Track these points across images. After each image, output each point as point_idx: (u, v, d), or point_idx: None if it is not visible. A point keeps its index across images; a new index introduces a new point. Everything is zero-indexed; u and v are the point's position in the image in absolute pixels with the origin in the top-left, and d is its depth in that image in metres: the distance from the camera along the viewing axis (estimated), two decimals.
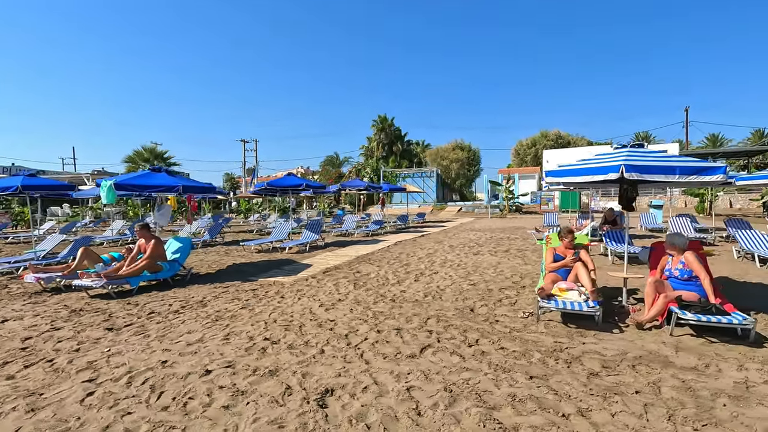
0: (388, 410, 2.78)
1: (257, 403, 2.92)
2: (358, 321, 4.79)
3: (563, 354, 3.68)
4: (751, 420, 2.58)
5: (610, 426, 2.55)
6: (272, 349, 3.97)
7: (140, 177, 7.43)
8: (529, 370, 3.35)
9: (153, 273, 7.01)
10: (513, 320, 4.70)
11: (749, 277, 6.70)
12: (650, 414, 2.66)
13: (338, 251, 10.86)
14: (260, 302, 5.75)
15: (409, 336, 4.22)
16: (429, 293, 6.05)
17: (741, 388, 2.99)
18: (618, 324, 4.49)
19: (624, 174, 4.32)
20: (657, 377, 3.19)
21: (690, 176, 4.31)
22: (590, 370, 3.33)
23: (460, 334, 4.23)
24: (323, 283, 6.87)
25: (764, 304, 5.14)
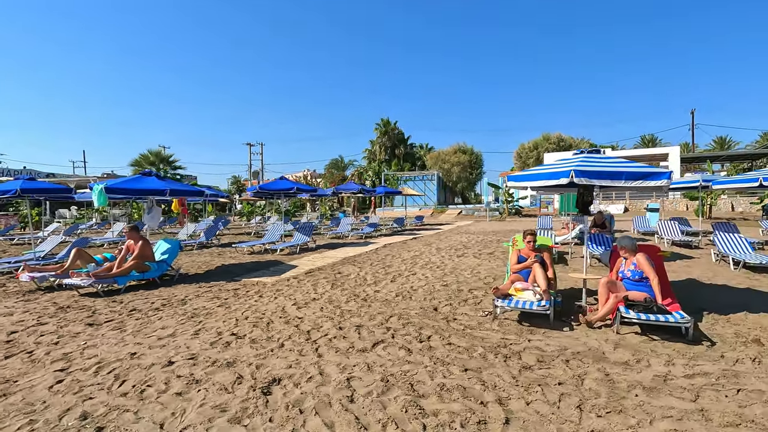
0: (324, 397, 3.02)
1: (208, 391, 3.18)
2: (325, 318, 5.03)
3: (505, 349, 3.89)
4: (654, 408, 2.78)
5: (522, 413, 2.76)
6: (236, 343, 4.23)
7: (130, 181, 7.77)
8: (466, 364, 3.57)
9: (141, 273, 7.32)
10: (471, 318, 4.92)
11: (716, 280, 6.84)
12: (563, 402, 2.88)
13: (327, 253, 11.12)
14: (238, 300, 6.02)
15: (366, 332, 4.46)
16: (401, 293, 6.28)
17: (659, 381, 3.19)
18: (571, 323, 4.68)
19: (574, 179, 4.53)
20: (584, 370, 3.40)
21: (636, 181, 4.51)
22: (524, 364, 3.55)
23: (416, 331, 4.46)
24: (303, 284, 7.13)
25: (720, 305, 5.30)
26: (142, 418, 2.81)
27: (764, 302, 5.44)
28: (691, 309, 5.15)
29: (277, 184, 11.61)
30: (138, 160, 37.19)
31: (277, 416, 2.79)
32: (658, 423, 2.61)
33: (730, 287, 6.34)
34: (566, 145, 39.81)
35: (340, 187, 17.30)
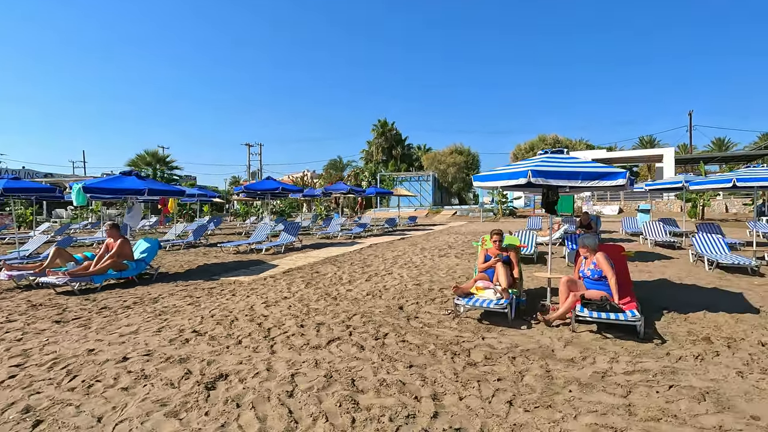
0: (265, 392, 3.08)
1: (154, 386, 3.23)
2: (289, 317, 5.09)
3: (456, 347, 3.95)
4: (583, 403, 2.83)
5: (453, 407, 2.82)
6: (195, 340, 4.28)
7: (109, 180, 7.85)
8: (414, 361, 3.62)
9: (118, 271, 7.38)
10: (433, 317, 4.97)
11: (687, 280, 6.89)
12: (495, 398, 2.93)
13: (311, 252, 11.18)
14: (210, 299, 6.08)
15: (325, 330, 4.52)
16: (372, 292, 6.34)
17: (596, 377, 3.24)
18: (530, 321, 4.73)
19: (531, 179, 4.59)
20: (527, 367, 3.45)
21: (592, 181, 4.56)
22: (471, 361, 3.60)
23: (374, 329, 4.51)
24: (278, 282, 7.19)
25: (682, 304, 5.35)
26: (82, 411, 2.87)
27: (726, 302, 5.48)
28: (652, 308, 5.22)
29: (263, 184, 11.68)
30: (135, 160, 37.31)
31: (213, 410, 2.84)
32: (582, 417, 2.66)
33: (699, 287, 6.39)
34: (562, 146, 39.75)
35: (329, 187, 17.37)
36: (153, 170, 37.30)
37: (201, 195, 14.18)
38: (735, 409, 2.72)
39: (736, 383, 3.10)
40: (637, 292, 5.97)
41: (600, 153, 33.77)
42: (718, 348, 3.84)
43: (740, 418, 2.62)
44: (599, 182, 4.54)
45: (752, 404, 2.78)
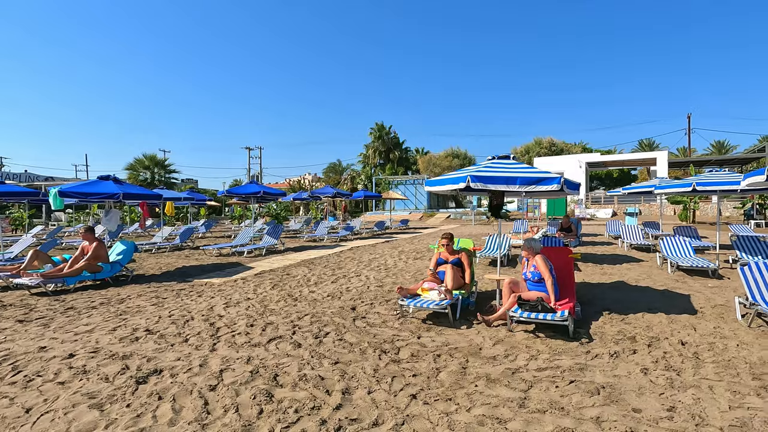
0: (190, 386, 3.26)
1: (89, 380, 3.42)
2: (244, 317, 5.27)
3: (388, 345, 4.12)
4: (482, 397, 3.00)
5: (359, 400, 2.99)
6: (145, 338, 4.47)
7: (85, 185, 8.08)
8: (341, 358, 3.80)
9: (93, 273, 7.60)
10: (380, 317, 5.15)
11: (645, 281, 7.04)
12: (403, 392, 3.10)
13: (291, 255, 11.38)
14: (175, 300, 6.27)
15: (271, 329, 4.70)
16: (333, 294, 6.52)
17: (507, 373, 3.41)
18: (472, 321, 4.90)
19: (470, 184, 4.77)
20: (446, 364, 3.62)
21: (530, 186, 4.74)
22: (396, 358, 3.77)
23: (318, 329, 4.69)
24: (247, 284, 7.38)
25: (626, 305, 5.51)
26: (15, 403, 3.06)
27: (671, 303, 5.63)
28: (597, 308, 5.39)
29: (246, 188, 11.90)
30: (133, 164, 37.74)
31: (136, 403, 3.03)
32: (475, 409, 2.83)
33: (652, 289, 6.53)
34: (558, 150, 39.97)
35: (316, 191, 17.58)
36: (151, 174, 37.72)
37: (188, 198, 14.35)
38: (621, 403, 2.88)
39: (636, 379, 3.26)
40: (589, 293, 6.17)
41: (594, 156, 33.89)
42: (638, 347, 3.99)
43: (622, 410, 2.78)
44: (535, 187, 4.71)
45: (641, 398, 2.94)
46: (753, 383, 3.15)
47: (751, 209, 21.17)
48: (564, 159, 34.03)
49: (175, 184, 39.27)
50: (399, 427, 2.63)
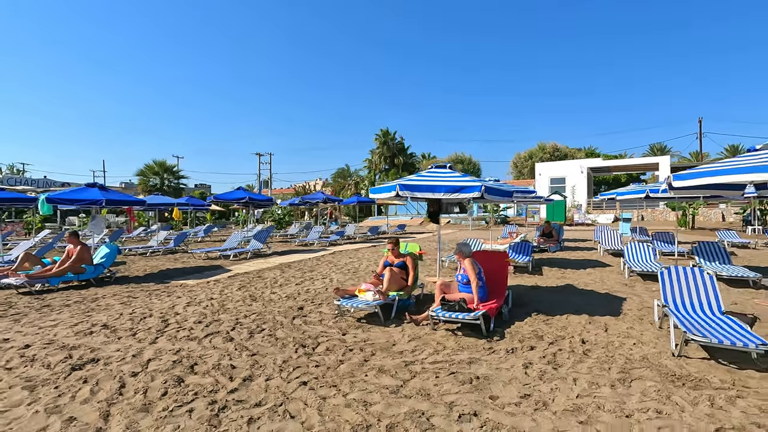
0: (116, 372, 3.68)
1: (32, 367, 3.87)
2: (197, 315, 5.69)
3: (311, 341, 4.49)
4: (366, 384, 3.35)
5: (255, 386, 3.37)
6: (99, 333, 4.92)
7: (71, 192, 8.67)
8: (261, 350, 4.19)
9: (76, 274, 8.15)
10: (321, 316, 5.52)
11: (593, 286, 7.26)
12: (297, 380, 3.47)
13: (273, 258, 11.83)
14: (146, 299, 6.74)
15: (214, 326, 5.11)
16: (291, 295, 6.92)
17: (401, 365, 3.75)
18: (404, 321, 5.23)
19: (399, 192, 5.13)
20: (352, 357, 3.98)
21: (453, 194, 5.08)
22: (311, 352, 4.14)
23: (257, 326, 5.09)
24: (217, 285, 7.83)
25: (557, 307, 5.78)
26: None
27: (601, 306, 5.87)
28: (529, 310, 5.69)
29: (232, 194, 12.42)
30: (143, 170, 38.92)
31: (63, 386, 3.45)
32: (351, 394, 3.18)
33: (596, 292, 6.76)
34: (561, 155, 39.84)
35: (306, 197, 18.06)
36: (160, 179, 38.84)
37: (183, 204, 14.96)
38: (484, 391, 3.20)
39: (513, 372, 3.56)
40: (529, 296, 6.45)
41: (596, 161, 33.73)
42: (539, 344, 4.29)
43: (480, 396, 3.10)
44: (458, 194, 5.05)
45: (504, 388, 3.26)
46: (616, 376, 3.43)
47: (750, 215, 20.92)
48: (565, 164, 33.94)
49: (183, 189, 40.32)
50: (276, 407, 3.00)
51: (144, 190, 37.87)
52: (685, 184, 4.57)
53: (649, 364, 3.69)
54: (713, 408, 2.87)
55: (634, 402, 2.97)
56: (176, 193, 37.67)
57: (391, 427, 2.69)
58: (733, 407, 2.87)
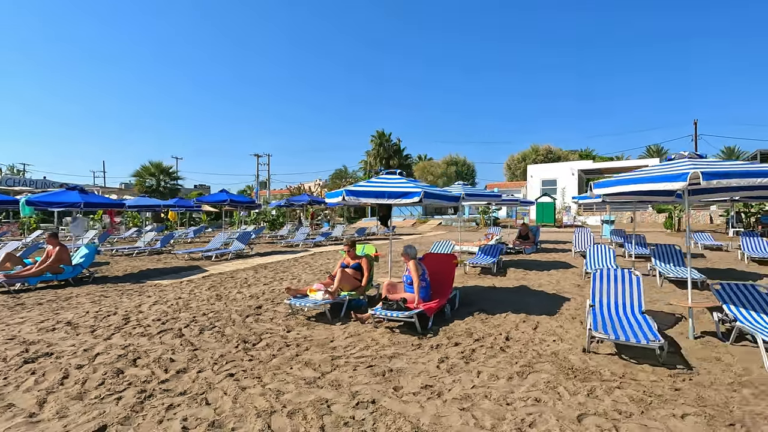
0: (65, 365, 3.98)
1: None
2: (159, 314, 5.99)
3: (255, 337, 4.79)
4: (286, 375, 3.65)
5: (185, 376, 3.67)
6: (61, 329, 5.22)
7: (51, 195, 9.00)
8: (204, 346, 4.49)
9: (55, 274, 8.47)
10: (273, 315, 5.82)
11: (547, 288, 7.55)
12: (225, 372, 3.77)
13: (253, 259, 12.15)
14: (117, 298, 7.04)
15: (170, 323, 5.41)
16: (255, 294, 7.22)
17: (327, 359, 4.05)
18: (351, 320, 5.52)
19: (345, 198, 5.43)
20: (286, 351, 4.28)
21: (397, 199, 5.38)
22: (250, 347, 4.44)
23: (210, 324, 5.39)
24: (189, 285, 8.14)
25: (501, 306, 6.07)
26: None
27: (543, 306, 6.16)
28: (474, 309, 6.00)
29: (215, 197, 12.73)
30: (140, 171, 39.28)
31: (12, 376, 3.76)
32: (270, 384, 3.48)
33: (545, 293, 7.05)
34: (555, 157, 40.08)
35: (291, 198, 18.38)
36: (157, 180, 39.20)
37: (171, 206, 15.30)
38: (392, 381, 3.50)
39: (427, 366, 3.86)
40: (479, 295, 6.75)
41: (587, 164, 33.98)
42: (465, 341, 4.58)
43: (385, 386, 3.40)
44: (401, 200, 5.35)
45: (412, 380, 3.55)
46: (517, 369, 3.73)
47: (733, 217, 21.14)
48: (557, 166, 34.20)
49: (179, 190, 40.67)
50: (197, 396, 3.30)
51: (140, 191, 38.23)
52: (604, 192, 4.86)
53: (555, 359, 3.99)
54: (588, 397, 3.16)
55: (520, 392, 3.27)
56: (172, 194, 38.03)
57: (292, 413, 2.99)
58: (608, 396, 3.17)
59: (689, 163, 4.28)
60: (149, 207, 14.78)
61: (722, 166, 3.88)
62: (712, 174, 3.69)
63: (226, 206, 25.50)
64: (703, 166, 3.89)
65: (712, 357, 4.06)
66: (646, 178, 4.29)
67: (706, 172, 3.69)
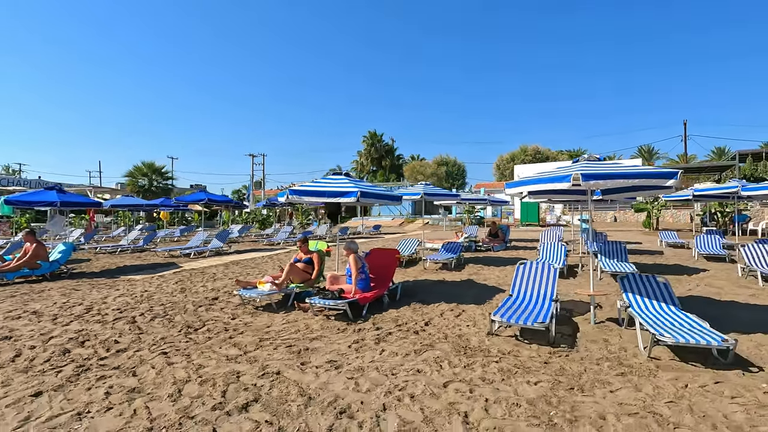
0: (20, 346, 4.43)
1: None
2: (120, 304, 6.44)
3: (200, 323, 5.26)
4: (211, 353, 4.12)
5: (123, 355, 4.14)
6: (26, 318, 5.67)
7: (29, 194, 9.46)
8: (150, 330, 4.96)
9: (32, 270, 8.92)
10: (226, 305, 6.29)
11: (490, 281, 8.03)
12: (160, 350, 4.24)
13: (229, 257, 12.62)
14: (88, 292, 7.48)
15: (127, 312, 5.87)
16: (217, 288, 7.68)
17: (255, 341, 4.52)
18: (297, 310, 5.99)
19: (289, 197, 5.91)
20: (222, 334, 4.75)
21: (335, 198, 5.87)
22: (192, 332, 4.91)
23: (164, 313, 5.85)
24: (159, 280, 8.60)
25: (440, 298, 6.55)
26: None
27: (476, 297, 6.64)
28: (414, 300, 6.47)
29: (193, 197, 13.20)
30: (132, 171, 39.72)
31: None
32: (194, 359, 3.95)
33: (487, 286, 7.55)
34: (543, 157, 40.64)
35: (271, 198, 18.85)
36: (149, 180, 39.65)
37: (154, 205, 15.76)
38: (302, 358, 3.97)
39: (341, 346, 4.34)
40: (424, 288, 7.22)
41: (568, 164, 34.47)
42: (388, 326, 5.06)
43: (295, 362, 3.87)
44: (340, 199, 5.83)
45: (322, 356, 4.03)
46: (418, 348, 4.21)
47: (706, 216, 21.70)
48: (543, 166, 34.66)
49: (171, 190, 41.10)
50: (127, 369, 3.77)
51: (133, 191, 38.66)
52: (511, 192, 5.34)
53: (457, 340, 4.48)
54: (465, 369, 3.65)
55: (408, 365, 3.76)
56: (165, 194, 38.45)
57: (204, 382, 3.47)
58: (482, 369, 3.65)
59: (580, 166, 4.77)
60: (132, 206, 15.22)
61: (602, 169, 4.37)
62: (590, 175, 4.18)
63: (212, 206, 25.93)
64: (585, 168, 4.38)
65: (601, 339, 4.55)
66: (543, 179, 4.78)
67: (585, 173, 4.19)
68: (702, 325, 4.13)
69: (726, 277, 8.21)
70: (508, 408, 2.94)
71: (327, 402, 3.07)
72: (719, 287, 7.23)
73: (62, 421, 2.87)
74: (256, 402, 3.10)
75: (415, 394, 3.17)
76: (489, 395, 3.14)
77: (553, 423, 2.74)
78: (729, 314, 5.47)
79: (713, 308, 5.82)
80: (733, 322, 5.01)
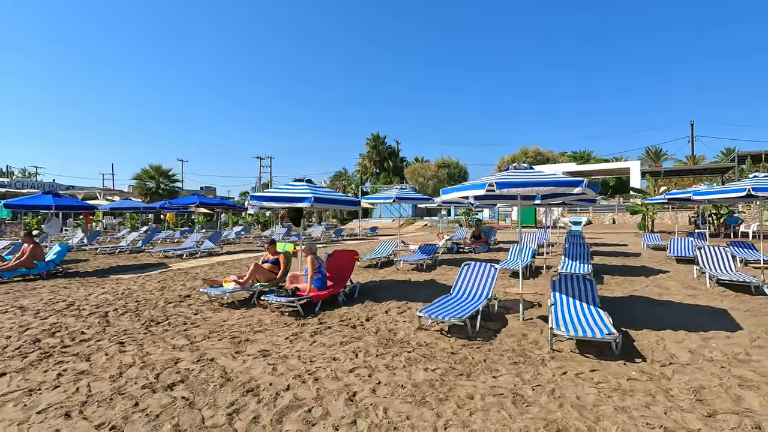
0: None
1: None
2: (100, 301, 7.02)
3: (164, 318, 5.78)
4: (163, 343, 4.62)
5: (84, 345, 4.67)
6: (11, 312, 6.26)
7: (28, 199, 10.14)
8: (117, 323, 5.49)
9: (28, 269, 9.59)
10: (195, 302, 6.81)
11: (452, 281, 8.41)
12: (118, 341, 4.76)
13: (220, 257, 13.20)
14: (76, 289, 8.09)
15: (103, 308, 6.43)
16: (194, 287, 8.22)
17: (205, 333, 5.01)
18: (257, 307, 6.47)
19: (251, 202, 6.41)
20: (180, 327, 5.26)
21: (290, 203, 6.34)
22: (153, 326, 5.43)
23: (135, 308, 6.39)
24: (144, 279, 9.18)
25: (398, 296, 6.98)
26: None
27: (429, 296, 7.02)
28: (370, 298, 6.90)
29: (186, 200, 13.82)
30: (140, 174, 40.79)
31: None
32: (145, 348, 4.46)
33: (447, 285, 7.92)
34: (543, 159, 40.68)
35: None
36: (156, 183, 40.68)
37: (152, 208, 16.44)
38: (240, 348, 4.45)
39: (278, 338, 4.80)
40: (387, 287, 7.65)
41: (570, 166, 34.59)
42: (330, 321, 5.52)
43: (231, 351, 4.35)
44: (295, 204, 6.31)
45: (257, 346, 4.50)
46: (345, 340, 4.65)
47: (699, 218, 21.71)
48: (542, 168, 34.86)
49: (178, 192, 42.08)
50: (84, 355, 4.29)
51: (141, 193, 39.74)
52: (444, 198, 5.77)
53: (386, 334, 4.91)
54: (375, 357, 4.09)
55: (329, 354, 4.21)
56: (171, 196, 39.41)
57: (145, 366, 3.97)
58: (392, 358, 4.09)
59: (498, 175, 5.18)
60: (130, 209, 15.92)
61: (514, 178, 4.77)
62: (503, 184, 4.59)
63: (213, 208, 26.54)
64: (500, 178, 4.79)
65: (521, 334, 4.94)
66: (465, 186, 5.20)
67: (498, 182, 4.60)
68: (604, 321, 4.50)
69: (682, 278, 8.49)
70: (392, 389, 3.37)
71: (241, 383, 3.54)
72: (666, 288, 7.53)
73: (15, 396, 3.38)
74: (182, 383, 3.59)
75: (320, 377, 3.62)
76: (384, 379, 3.58)
77: (425, 401, 3.17)
78: (652, 312, 5.81)
79: (643, 306, 6.17)
80: (651, 320, 5.36)
